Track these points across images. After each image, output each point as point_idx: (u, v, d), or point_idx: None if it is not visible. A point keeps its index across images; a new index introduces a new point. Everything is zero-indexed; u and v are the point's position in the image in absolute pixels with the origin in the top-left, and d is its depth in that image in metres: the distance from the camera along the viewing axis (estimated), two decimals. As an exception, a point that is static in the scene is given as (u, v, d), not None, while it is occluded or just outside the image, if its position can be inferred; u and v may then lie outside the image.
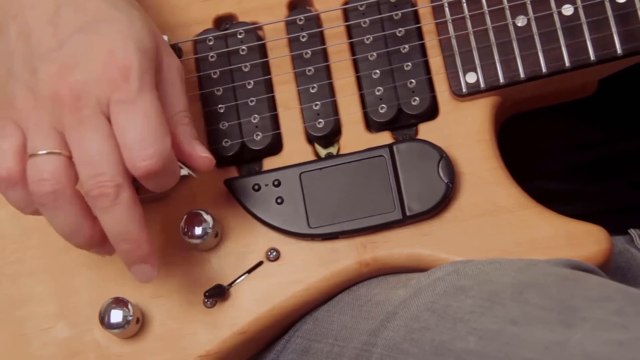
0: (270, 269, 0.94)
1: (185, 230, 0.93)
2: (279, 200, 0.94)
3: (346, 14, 0.97)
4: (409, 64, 0.95)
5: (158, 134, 0.83)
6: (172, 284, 0.94)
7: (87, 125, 0.83)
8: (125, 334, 0.92)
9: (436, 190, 0.92)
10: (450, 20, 0.95)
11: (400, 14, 0.96)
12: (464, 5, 0.95)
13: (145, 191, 0.94)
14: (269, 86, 0.97)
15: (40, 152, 0.84)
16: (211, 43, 0.98)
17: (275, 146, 0.96)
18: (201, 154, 0.88)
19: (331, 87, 0.96)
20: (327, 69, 0.97)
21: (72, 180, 0.84)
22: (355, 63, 0.96)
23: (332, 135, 0.96)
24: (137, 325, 0.93)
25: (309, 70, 0.96)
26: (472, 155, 0.93)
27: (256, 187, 0.94)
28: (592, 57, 0.93)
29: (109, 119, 0.84)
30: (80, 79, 0.83)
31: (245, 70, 0.97)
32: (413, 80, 0.95)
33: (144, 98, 0.83)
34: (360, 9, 0.97)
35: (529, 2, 0.94)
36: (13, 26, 0.86)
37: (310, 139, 0.96)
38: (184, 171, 0.90)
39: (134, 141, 0.83)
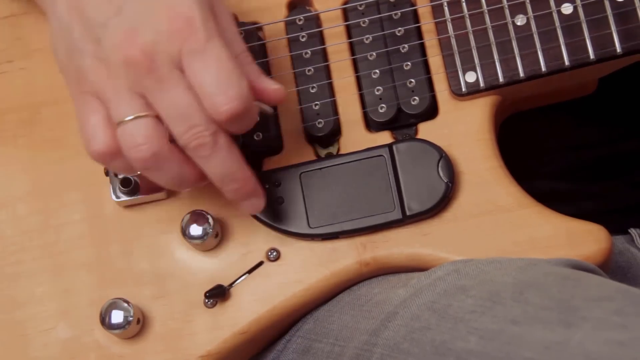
0: (271, 269, 0.94)
1: (186, 230, 0.93)
2: (279, 200, 0.94)
3: (345, 14, 0.97)
4: (409, 63, 0.95)
5: (235, 76, 0.84)
6: (173, 284, 0.94)
7: (167, 83, 0.84)
8: (126, 335, 0.93)
9: (436, 190, 0.92)
10: (449, 20, 0.95)
11: (399, 14, 0.96)
12: (463, 4, 0.95)
13: (147, 191, 0.94)
14: (268, 86, 0.97)
15: (127, 118, 0.84)
16: (211, 43, 0.97)
17: (275, 146, 0.96)
18: (273, 86, 0.89)
19: (331, 87, 0.96)
20: (327, 69, 0.97)
21: (164, 137, 0.85)
22: (355, 63, 0.96)
23: (332, 135, 0.96)
24: (137, 326, 0.93)
25: (309, 70, 0.96)
26: (472, 155, 0.94)
27: (256, 187, 0.94)
28: (592, 55, 0.93)
29: (182, 72, 0.84)
30: (149, 39, 0.84)
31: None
32: (412, 80, 0.95)
33: (213, 44, 0.84)
34: (360, 8, 0.96)
35: (528, 1, 0.94)
36: (60, 1, 0.86)
37: (310, 139, 0.96)
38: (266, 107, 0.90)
39: (213, 87, 0.83)
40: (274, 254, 0.94)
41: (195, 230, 0.93)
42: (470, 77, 0.94)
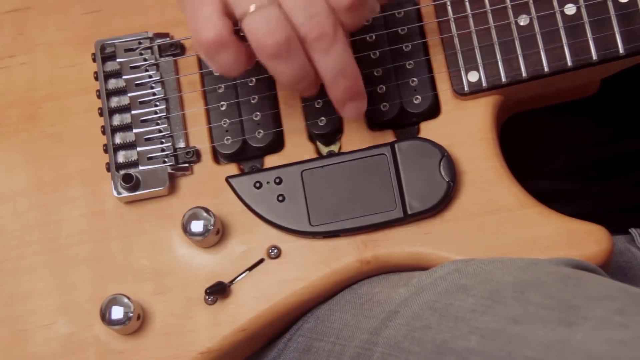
0: (271, 267, 0.94)
1: (187, 227, 0.93)
2: (280, 198, 0.93)
3: (349, 12, 0.97)
4: (411, 62, 0.95)
5: None
6: (173, 280, 0.94)
7: None
8: (126, 331, 0.92)
9: (437, 189, 0.92)
10: (452, 19, 0.95)
11: (402, 13, 0.96)
12: (467, 4, 0.95)
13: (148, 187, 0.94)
14: (271, 84, 0.97)
15: (252, 9, 0.84)
16: (213, 40, 0.97)
17: (276, 144, 0.96)
18: None
19: (333, 84, 0.96)
20: (329, 67, 0.96)
21: (291, 25, 0.85)
22: (358, 61, 0.96)
23: (333, 134, 0.96)
24: (137, 322, 0.92)
25: (311, 68, 0.96)
26: (474, 154, 0.94)
27: (257, 184, 0.94)
28: (594, 56, 0.93)
29: None
30: None
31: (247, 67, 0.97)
32: (415, 79, 0.95)
33: None
34: (363, 7, 0.96)
35: (531, 1, 0.94)
36: None
37: (312, 137, 0.96)
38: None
39: None
40: (275, 251, 0.94)
41: (196, 226, 0.93)
42: (473, 76, 0.94)
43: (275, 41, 0.83)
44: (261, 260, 0.94)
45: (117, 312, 0.91)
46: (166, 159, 0.96)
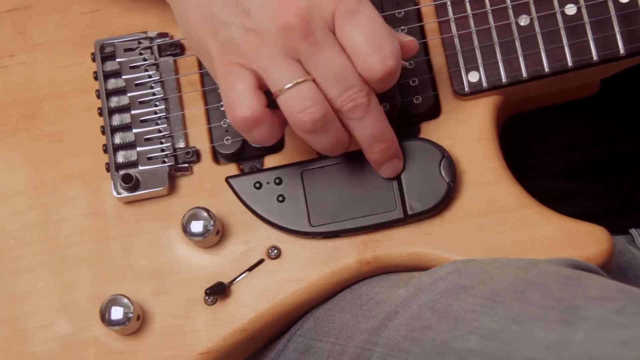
0: (271, 267, 0.94)
1: (187, 227, 0.92)
2: (280, 198, 0.93)
3: (349, 12, 0.97)
4: (412, 62, 0.95)
5: (389, 34, 0.85)
6: (173, 281, 0.94)
7: (323, 46, 0.84)
8: (125, 331, 0.92)
9: (437, 189, 0.92)
10: (453, 19, 0.95)
11: (403, 13, 0.96)
12: (467, 4, 0.95)
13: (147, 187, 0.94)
14: (270, 84, 0.97)
15: (287, 86, 0.84)
16: (213, 40, 0.97)
17: (276, 144, 0.96)
18: (408, 39, 0.89)
19: (333, 85, 0.96)
20: (330, 67, 0.96)
21: (325, 99, 0.86)
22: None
23: (333, 134, 0.96)
24: (137, 322, 0.92)
25: (311, 68, 0.96)
26: (474, 155, 0.94)
27: (257, 184, 0.94)
28: (595, 57, 0.93)
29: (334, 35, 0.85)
30: (303, 4, 0.84)
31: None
32: (415, 79, 0.95)
33: (365, 4, 0.85)
34: (363, 7, 0.96)
35: (532, 1, 0.94)
36: None
37: (312, 137, 0.96)
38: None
39: (368, 47, 0.84)
40: (275, 251, 0.94)
41: (196, 227, 0.93)
42: (473, 76, 0.94)
43: (312, 118, 0.85)
44: (261, 261, 0.94)
45: (116, 313, 0.91)
46: (166, 159, 0.96)
